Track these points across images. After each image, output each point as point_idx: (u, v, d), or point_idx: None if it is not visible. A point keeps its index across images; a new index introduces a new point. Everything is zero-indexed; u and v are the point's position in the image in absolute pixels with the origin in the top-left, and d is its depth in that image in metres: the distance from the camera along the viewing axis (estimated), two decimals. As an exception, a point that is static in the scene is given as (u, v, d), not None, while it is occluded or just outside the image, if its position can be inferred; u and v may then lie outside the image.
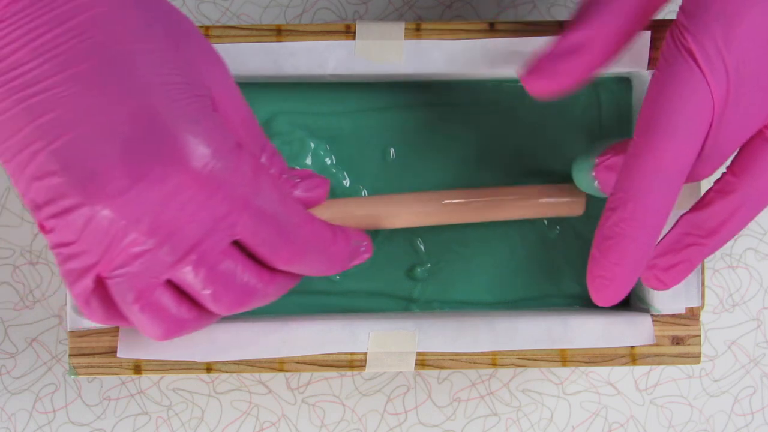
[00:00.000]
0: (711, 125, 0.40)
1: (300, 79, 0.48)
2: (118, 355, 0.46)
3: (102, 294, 0.40)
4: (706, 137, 0.40)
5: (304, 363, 0.46)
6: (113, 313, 0.41)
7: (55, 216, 0.39)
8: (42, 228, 0.40)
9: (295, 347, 0.46)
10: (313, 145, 0.49)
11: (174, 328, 0.41)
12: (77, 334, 0.46)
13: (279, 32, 0.47)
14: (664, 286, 0.44)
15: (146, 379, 0.54)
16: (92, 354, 0.46)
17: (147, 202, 0.38)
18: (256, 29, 0.47)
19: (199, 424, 0.54)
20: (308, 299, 0.49)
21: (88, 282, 0.40)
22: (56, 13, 0.38)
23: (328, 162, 0.49)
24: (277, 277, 0.43)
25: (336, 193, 0.49)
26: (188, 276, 0.40)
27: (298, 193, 0.44)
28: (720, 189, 0.43)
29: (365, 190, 0.49)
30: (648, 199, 0.40)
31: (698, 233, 0.43)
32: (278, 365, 0.46)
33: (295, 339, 0.46)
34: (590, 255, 0.42)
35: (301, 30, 0.47)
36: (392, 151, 0.49)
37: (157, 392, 0.54)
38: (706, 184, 0.49)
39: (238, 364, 0.46)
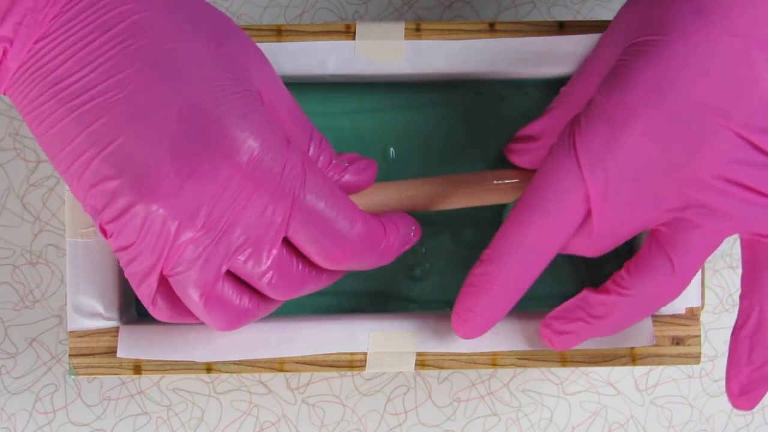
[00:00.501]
0: (591, 214, 0.42)
1: (300, 80, 0.48)
2: (118, 355, 0.46)
3: (167, 292, 0.41)
4: (591, 224, 0.42)
5: (304, 363, 0.46)
6: (179, 310, 0.42)
7: (113, 220, 0.40)
8: (103, 233, 0.41)
9: (295, 347, 0.46)
10: None
11: (238, 319, 0.42)
12: (77, 334, 0.46)
13: (279, 32, 0.47)
14: (555, 347, 0.46)
15: (146, 379, 0.54)
16: (92, 354, 0.46)
17: (200, 197, 0.39)
18: (256, 29, 0.47)
19: (199, 424, 0.54)
20: (308, 299, 0.49)
21: (152, 282, 0.41)
22: (100, 21, 0.39)
23: None
24: None
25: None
26: (247, 265, 0.41)
27: (347, 177, 0.45)
28: (615, 281, 0.44)
29: None
30: (508, 265, 0.43)
31: (589, 312, 0.44)
32: (278, 365, 0.46)
33: (295, 339, 0.46)
34: (459, 292, 0.45)
35: (301, 30, 0.47)
36: (392, 150, 0.49)
37: (157, 392, 0.54)
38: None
39: (238, 364, 0.46)
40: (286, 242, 0.42)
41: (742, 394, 0.43)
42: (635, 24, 0.42)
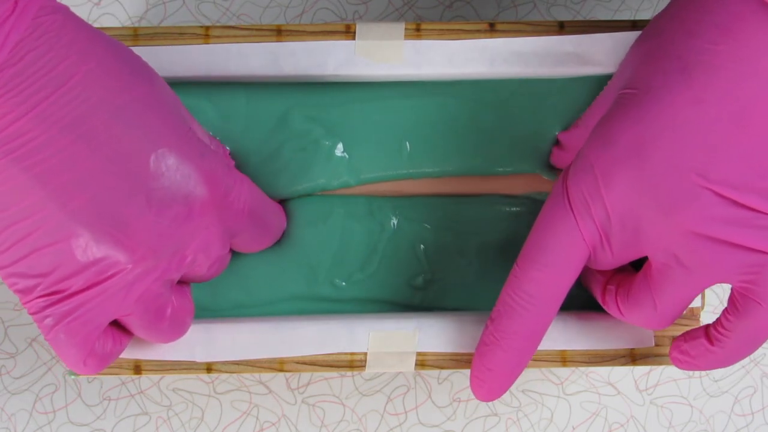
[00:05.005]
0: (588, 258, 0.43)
1: (300, 79, 0.48)
2: (118, 355, 0.46)
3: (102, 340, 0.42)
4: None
5: (304, 363, 0.46)
6: (106, 358, 0.43)
7: (70, 277, 0.39)
8: (39, 298, 0.39)
9: (295, 347, 0.46)
10: (328, 143, 0.49)
11: (188, 323, 0.45)
12: (77, 334, 0.46)
13: (279, 32, 0.47)
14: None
15: (146, 379, 0.54)
16: (92, 354, 0.46)
17: (177, 238, 0.41)
18: (256, 29, 0.47)
19: (199, 425, 0.54)
20: (312, 306, 0.49)
21: (97, 329, 0.41)
22: (51, 76, 0.38)
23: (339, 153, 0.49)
24: None
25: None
26: (191, 269, 0.43)
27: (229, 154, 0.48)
28: (616, 303, 0.45)
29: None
30: (518, 319, 0.43)
31: None
32: (278, 365, 0.46)
33: (295, 339, 0.46)
34: (474, 355, 0.45)
35: (301, 30, 0.47)
36: (408, 144, 0.49)
37: (157, 392, 0.54)
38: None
39: (238, 364, 0.46)
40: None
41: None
42: (635, 64, 0.43)
